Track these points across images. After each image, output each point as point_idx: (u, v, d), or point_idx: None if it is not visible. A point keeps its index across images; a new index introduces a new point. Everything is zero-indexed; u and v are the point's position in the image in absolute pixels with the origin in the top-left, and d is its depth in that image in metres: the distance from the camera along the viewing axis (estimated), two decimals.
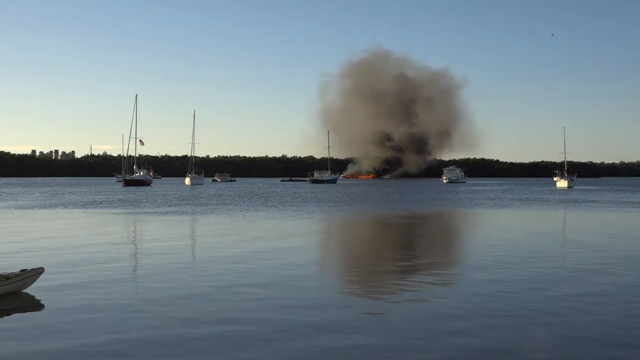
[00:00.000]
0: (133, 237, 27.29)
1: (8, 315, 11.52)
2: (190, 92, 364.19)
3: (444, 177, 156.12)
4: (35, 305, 12.30)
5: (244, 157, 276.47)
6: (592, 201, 59.92)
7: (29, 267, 13.71)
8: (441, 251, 22.06)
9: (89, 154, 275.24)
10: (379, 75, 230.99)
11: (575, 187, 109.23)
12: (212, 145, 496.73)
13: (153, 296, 13.10)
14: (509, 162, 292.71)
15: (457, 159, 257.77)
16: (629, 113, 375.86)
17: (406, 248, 23.26)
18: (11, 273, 13.00)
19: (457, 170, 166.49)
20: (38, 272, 13.42)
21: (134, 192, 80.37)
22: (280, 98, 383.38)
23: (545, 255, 19.83)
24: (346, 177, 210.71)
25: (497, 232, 29.21)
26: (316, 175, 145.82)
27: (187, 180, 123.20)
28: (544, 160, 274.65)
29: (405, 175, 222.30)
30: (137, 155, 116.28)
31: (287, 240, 24.74)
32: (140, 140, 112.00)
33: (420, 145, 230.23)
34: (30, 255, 18.99)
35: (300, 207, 48.24)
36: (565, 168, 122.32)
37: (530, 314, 11.67)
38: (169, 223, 32.66)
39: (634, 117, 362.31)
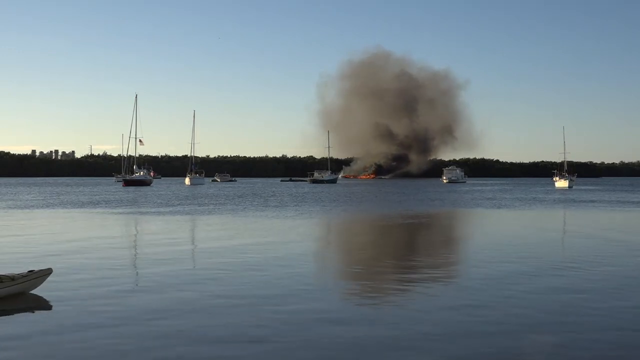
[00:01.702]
0: (137, 237, 27.32)
1: (12, 316, 11.55)
2: (190, 92, 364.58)
3: (444, 177, 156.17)
4: (40, 306, 12.30)
5: (244, 157, 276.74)
6: (592, 201, 59.95)
7: (36, 268, 13.69)
8: (442, 252, 22.08)
9: (89, 154, 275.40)
10: (380, 75, 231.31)
11: (574, 187, 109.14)
12: (212, 145, 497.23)
13: (161, 297, 13.12)
14: (509, 162, 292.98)
15: (457, 159, 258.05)
16: (629, 113, 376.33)
17: (407, 249, 23.31)
18: (18, 274, 13.00)
19: (457, 170, 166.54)
20: (46, 273, 13.40)
21: (134, 192, 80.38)
22: (280, 98, 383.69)
23: (546, 256, 19.83)
24: (346, 177, 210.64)
25: (498, 233, 29.23)
26: (316, 175, 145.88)
27: (187, 180, 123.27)
28: (544, 160, 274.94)
29: (406, 175, 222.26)
30: (137, 155, 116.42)
31: (289, 241, 24.74)
32: (140, 140, 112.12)
33: (421, 144, 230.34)
34: (37, 255, 19.02)
35: (300, 207, 48.27)
36: (565, 168, 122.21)
37: (530, 315, 11.71)
38: (171, 223, 32.67)
39: (634, 117, 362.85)
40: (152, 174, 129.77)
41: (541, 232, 29.58)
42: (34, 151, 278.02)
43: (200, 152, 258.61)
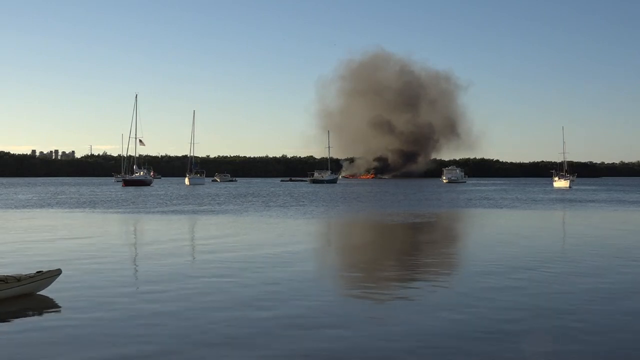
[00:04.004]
0: (141, 238, 27.45)
1: (18, 317, 11.59)
2: (190, 92, 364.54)
3: (444, 177, 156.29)
4: (47, 307, 12.36)
5: (244, 157, 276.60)
6: (592, 201, 60.03)
7: (44, 269, 13.77)
8: (443, 253, 22.16)
9: (89, 154, 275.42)
10: (380, 75, 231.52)
11: (573, 187, 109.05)
12: (212, 145, 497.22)
13: (168, 298, 13.20)
14: (509, 162, 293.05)
15: (457, 159, 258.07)
16: (629, 113, 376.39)
17: (410, 250, 23.41)
18: (25, 274, 13.07)
19: (457, 170, 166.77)
20: (54, 274, 13.47)
21: (133, 192, 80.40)
22: (280, 98, 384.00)
23: (545, 257, 19.92)
24: (346, 177, 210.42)
25: (496, 233, 29.31)
26: (316, 175, 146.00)
27: (187, 180, 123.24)
28: (544, 160, 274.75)
29: (406, 174, 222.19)
30: (137, 155, 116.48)
31: (290, 242, 24.84)
32: (140, 140, 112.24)
33: (424, 142, 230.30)
34: (42, 256, 19.13)
35: (301, 207, 48.35)
36: (565, 168, 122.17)
37: (528, 316, 11.82)
38: (173, 224, 32.78)
39: (634, 117, 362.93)
40: (152, 174, 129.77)
41: (540, 232, 29.67)
42: (34, 151, 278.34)
43: (200, 152, 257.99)
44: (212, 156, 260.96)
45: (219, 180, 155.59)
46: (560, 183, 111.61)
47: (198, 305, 12.42)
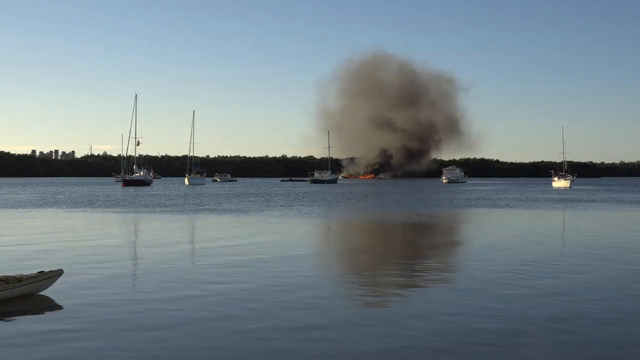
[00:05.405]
0: (143, 238, 27.42)
1: (19, 317, 11.60)
2: (190, 92, 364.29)
3: (444, 177, 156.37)
4: (49, 307, 12.34)
5: (244, 157, 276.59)
6: (592, 201, 60.06)
7: (46, 269, 13.77)
8: (443, 253, 22.19)
9: (89, 154, 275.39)
10: (381, 75, 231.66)
11: (573, 187, 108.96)
12: (212, 145, 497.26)
13: (172, 298, 13.20)
14: (509, 162, 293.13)
15: (457, 159, 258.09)
16: (629, 113, 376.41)
17: (410, 251, 23.43)
18: (26, 275, 13.08)
19: (457, 170, 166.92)
20: (56, 274, 13.48)
21: (133, 192, 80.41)
22: (280, 98, 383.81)
23: (545, 257, 19.93)
24: (346, 177, 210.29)
25: (496, 234, 29.32)
26: (316, 175, 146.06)
27: (187, 180, 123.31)
28: (544, 160, 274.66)
29: (405, 174, 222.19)
30: (137, 155, 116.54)
31: (291, 243, 24.86)
32: (138, 141, 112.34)
33: (426, 141, 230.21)
34: (45, 256, 19.14)
35: (301, 207, 48.36)
36: (565, 168, 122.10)
37: (527, 316, 11.82)
38: (174, 223, 32.78)
39: (634, 117, 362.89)
40: (152, 174, 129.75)
41: (538, 232, 29.68)
42: (34, 151, 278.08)
43: (200, 152, 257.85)
44: (212, 156, 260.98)
45: (219, 180, 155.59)
46: (560, 183, 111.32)
47: (200, 310, 12.32)
